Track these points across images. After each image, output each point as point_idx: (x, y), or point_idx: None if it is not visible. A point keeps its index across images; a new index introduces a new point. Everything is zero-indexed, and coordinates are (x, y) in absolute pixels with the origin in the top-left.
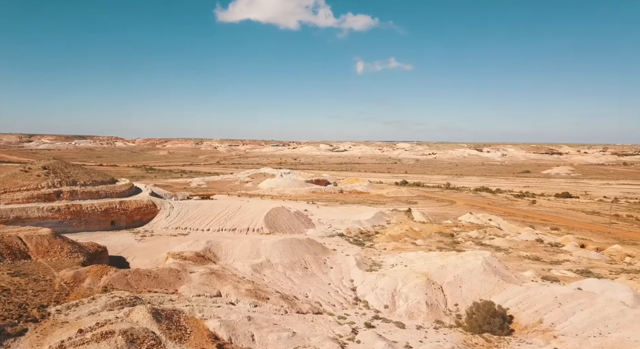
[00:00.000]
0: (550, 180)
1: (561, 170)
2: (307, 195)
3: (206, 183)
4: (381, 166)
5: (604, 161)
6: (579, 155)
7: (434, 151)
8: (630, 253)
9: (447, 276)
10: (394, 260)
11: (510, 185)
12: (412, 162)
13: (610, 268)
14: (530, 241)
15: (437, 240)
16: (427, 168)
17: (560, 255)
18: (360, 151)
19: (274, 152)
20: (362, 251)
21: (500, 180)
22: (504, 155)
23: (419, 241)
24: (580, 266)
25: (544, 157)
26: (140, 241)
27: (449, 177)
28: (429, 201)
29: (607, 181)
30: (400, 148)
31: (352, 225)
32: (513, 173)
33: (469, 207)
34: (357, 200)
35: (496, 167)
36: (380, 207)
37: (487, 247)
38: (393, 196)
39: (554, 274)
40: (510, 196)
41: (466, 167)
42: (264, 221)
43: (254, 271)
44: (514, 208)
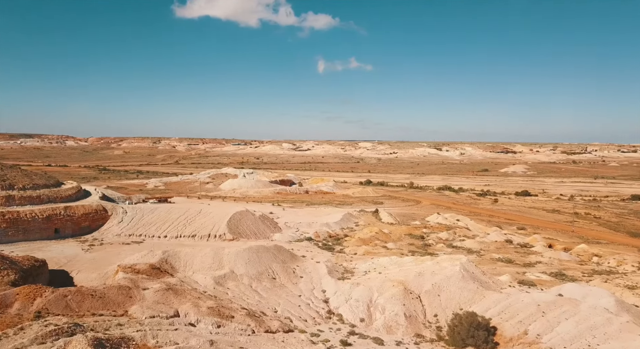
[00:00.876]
0: (509, 179)
1: (518, 169)
2: (271, 196)
3: (164, 185)
4: (344, 165)
5: (555, 159)
6: (531, 154)
7: (395, 150)
8: (597, 252)
9: (424, 285)
10: (367, 266)
11: (471, 184)
12: (375, 161)
13: (582, 269)
14: (500, 242)
15: (407, 242)
16: (389, 167)
17: (532, 257)
18: (324, 150)
19: (236, 150)
20: (333, 257)
21: (461, 178)
22: (463, 154)
23: (390, 245)
24: (553, 268)
25: (500, 155)
26: (88, 252)
27: (412, 176)
28: (395, 201)
29: (561, 179)
30: (363, 148)
31: (321, 228)
32: (473, 172)
33: (434, 207)
34: (323, 200)
35: (456, 165)
36: (347, 208)
37: (459, 249)
38: (359, 197)
39: (530, 278)
40: (473, 195)
41: (427, 166)
42: (227, 227)
43: (216, 285)
44: (479, 207)
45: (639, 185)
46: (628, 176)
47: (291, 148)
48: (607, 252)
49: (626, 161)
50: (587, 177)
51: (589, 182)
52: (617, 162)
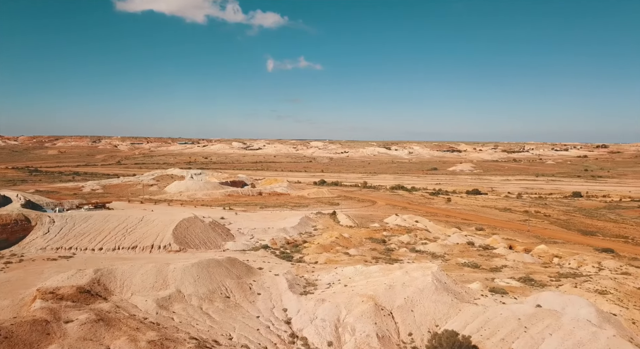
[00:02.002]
0: (458, 177)
1: (465, 167)
2: (222, 199)
3: (102, 188)
4: (297, 165)
5: (497, 158)
6: (475, 153)
7: (346, 150)
8: (556, 253)
9: (396, 299)
10: (330, 277)
11: (422, 183)
12: (327, 160)
13: (547, 272)
14: (463, 245)
15: (369, 247)
16: (341, 166)
17: (496, 260)
18: (275, 149)
19: (183, 150)
20: (293, 268)
21: (412, 177)
22: (411, 153)
23: (352, 251)
24: (520, 272)
25: (446, 154)
26: (2, 271)
27: (365, 176)
28: (351, 201)
29: (506, 177)
30: (314, 147)
31: (277, 234)
32: (423, 171)
33: (390, 207)
34: (278, 202)
35: (406, 164)
36: (304, 210)
37: (423, 254)
38: (315, 198)
39: (500, 285)
40: (426, 194)
41: (378, 165)
42: (173, 236)
43: (160, 309)
44: (434, 207)
45: (577, 182)
46: (565, 173)
47: (241, 147)
48: (566, 253)
49: (560, 159)
50: (529, 175)
51: (531, 180)
52: (553, 160)
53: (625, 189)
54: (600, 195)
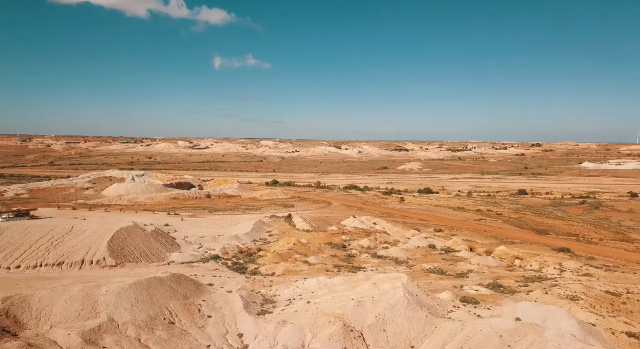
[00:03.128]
0: (408, 176)
1: (414, 166)
2: (167, 203)
3: (28, 192)
4: (247, 164)
5: (443, 156)
6: (422, 152)
7: (297, 149)
8: (517, 254)
9: (367, 317)
10: (291, 291)
11: (375, 182)
12: (278, 159)
13: (513, 277)
14: (424, 248)
15: (330, 254)
16: (293, 166)
17: (461, 264)
18: (224, 148)
19: (124, 149)
20: (248, 283)
21: (364, 176)
22: (361, 152)
23: (312, 259)
24: (487, 278)
25: (394, 153)
26: None
27: (317, 175)
28: (306, 202)
29: (454, 175)
30: (265, 146)
31: (229, 242)
32: (373, 170)
33: (346, 208)
34: (228, 205)
35: (357, 163)
36: (257, 213)
37: (386, 260)
38: (267, 199)
39: (470, 293)
40: (379, 193)
41: (330, 164)
42: (108, 249)
43: (86, 344)
44: (389, 207)
45: (520, 180)
46: (507, 171)
47: (188, 147)
48: (526, 253)
49: (501, 157)
50: (475, 173)
51: (478, 178)
52: (494, 158)
53: (564, 186)
54: (544, 192)
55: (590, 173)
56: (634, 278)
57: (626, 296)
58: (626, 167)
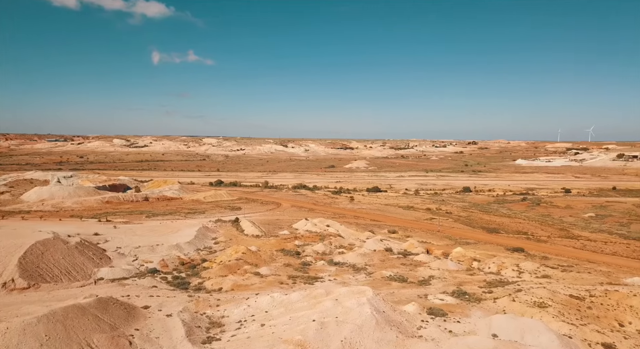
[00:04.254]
0: (355, 174)
1: (360, 164)
2: (98, 208)
3: None
4: (189, 163)
5: (387, 154)
6: (367, 150)
7: (242, 147)
8: (474, 256)
9: (331, 343)
10: (241, 312)
11: (323, 181)
12: (222, 158)
13: (475, 281)
14: (381, 252)
15: (283, 263)
16: (238, 165)
17: (421, 269)
18: (164, 147)
19: (52, 148)
20: (191, 302)
21: (312, 175)
22: (307, 151)
23: (264, 270)
24: (449, 284)
25: (340, 151)
26: None
27: (264, 174)
28: (254, 204)
29: (400, 173)
30: (208, 144)
31: (169, 253)
32: (321, 168)
33: (297, 209)
34: (168, 209)
35: (304, 162)
36: (200, 218)
37: (343, 267)
38: (212, 201)
39: (436, 303)
40: (329, 193)
41: (277, 163)
42: (19, 268)
43: None
44: (340, 207)
45: (462, 177)
46: (450, 168)
47: (124, 145)
48: (483, 255)
49: (441, 155)
50: (419, 171)
51: (422, 176)
52: (436, 156)
53: (504, 183)
54: (486, 189)
55: (525, 170)
56: (590, 278)
57: (590, 300)
58: (555, 163)
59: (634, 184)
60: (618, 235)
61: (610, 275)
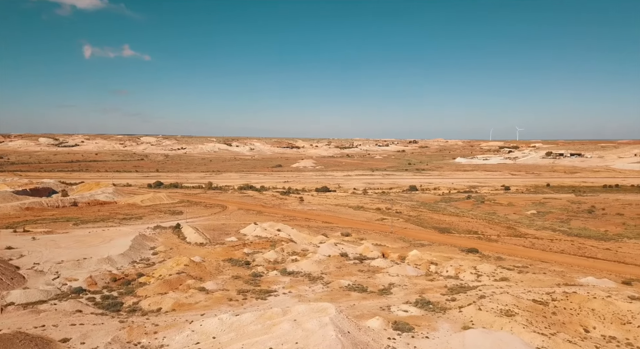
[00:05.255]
0: (303, 174)
1: (307, 163)
2: (15, 215)
3: None
4: (126, 164)
5: (332, 153)
6: (313, 149)
7: (183, 146)
8: (431, 259)
9: None
10: (184, 339)
11: (271, 181)
12: (162, 157)
13: (436, 287)
14: (336, 258)
15: (231, 275)
16: (180, 164)
17: (379, 276)
18: (97, 146)
19: None
20: (123, 330)
21: (258, 175)
22: (252, 149)
23: (210, 284)
24: (411, 292)
25: (287, 150)
26: None
27: (208, 175)
28: (197, 208)
29: (347, 172)
30: (146, 143)
31: (99, 268)
32: (267, 168)
33: (244, 212)
34: (100, 215)
35: (249, 161)
36: (137, 224)
37: (297, 277)
38: (150, 205)
39: (401, 316)
40: (277, 194)
41: (221, 162)
42: None
43: None
44: (289, 208)
45: (407, 176)
46: (394, 167)
47: (52, 144)
48: (439, 257)
49: (385, 154)
50: (365, 170)
51: (369, 175)
52: (380, 155)
53: (447, 181)
54: (432, 187)
55: (465, 168)
56: (546, 280)
57: (554, 305)
58: (492, 161)
59: (564, 181)
60: (561, 232)
61: (564, 275)
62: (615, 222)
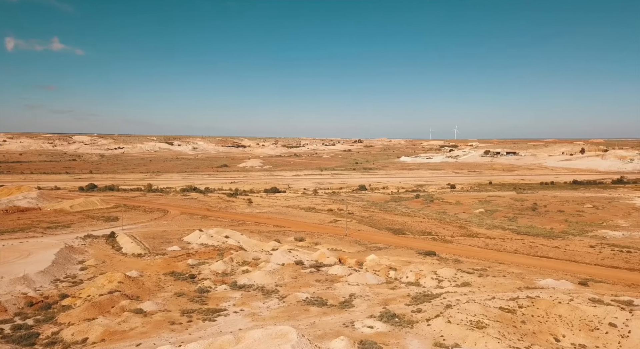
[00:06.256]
0: (250, 174)
1: (254, 163)
2: None
3: None
4: (56, 164)
5: (280, 153)
6: (259, 148)
7: (120, 145)
8: (390, 264)
9: None
10: None
11: (216, 182)
12: (97, 158)
13: (399, 296)
14: (291, 266)
15: (174, 292)
16: (117, 165)
17: (339, 286)
18: (22, 146)
19: None
20: None
21: (203, 176)
22: (196, 149)
23: (148, 305)
24: (374, 303)
25: (232, 149)
26: None
27: (148, 176)
28: (135, 213)
29: (295, 172)
30: (79, 142)
31: (11, 290)
32: (212, 168)
33: (188, 217)
34: (20, 225)
35: (193, 161)
36: (64, 234)
37: (249, 291)
38: (81, 211)
39: (367, 333)
40: (224, 196)
41: (162, 163)
42: None
43: None
44: (237, 212)
45: (356, 175)
46: (342, 166)
47: None
48: (397, 261)
49: (332, 153)
50: (314, 169)
51: (318, 174)
52: (327, 154)
53: (395, 180)
54: (380, 186)
55: (410, 167)
56: (508, 283)
57: (521, 313)
58: (435, 160)
59: (504, 178)
60: (511, 231)
61: (523, 277)
62: (558, 219)
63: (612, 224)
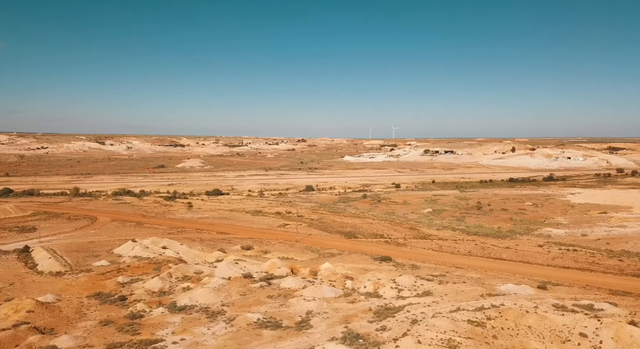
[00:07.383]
0: (190, 175)
1: (194, 163)
2: None
3: None
4: None
5: (221, 152)
6: (199, 147)
7: (44, 144)
8: (346, 273)
9: None
10: None
11: (152, 184)
12: (15, 159)
13: (359, 311)
14: (238, 280)
15: (99, 321)
16: (39, 167)
17: (294, 302)
18: None
19: None
20: None
21: (137, 177)
22: (130, 148)
23: (64, 340)
24: (334, 322)
25: (170, 149)
26: None
27: (74, 178)
28: (57, 221)
29: (239, 172)
30: None
31: None
32: (148, 169)
33: (120, 225)
34: None
35: (127, 161)
36: None
37: (191, 314)
38: None
39: None
40: (161, 199)
41: (92, 164)
42: None
43: None
44: (177, 217)
45: (302, 175)
46: (287, 166)
47: None
48: (353, 269)
49: (276, 152)
50: (259, 169)
51: (263, 174)
52: (271, 154)
53: (341, 180)
54: (327, 187)
55: (354, 166)
56: (469, 291)
57: (491, 326)
58: (377, 159)
59: (445, 177)
60: (460, 231)
61: (483, 282)
62: (503, 218)
63: (553, 222)
